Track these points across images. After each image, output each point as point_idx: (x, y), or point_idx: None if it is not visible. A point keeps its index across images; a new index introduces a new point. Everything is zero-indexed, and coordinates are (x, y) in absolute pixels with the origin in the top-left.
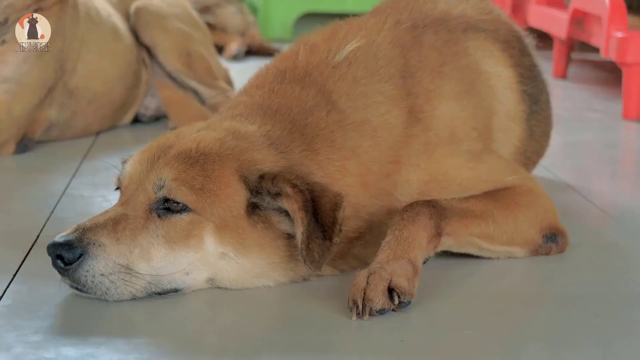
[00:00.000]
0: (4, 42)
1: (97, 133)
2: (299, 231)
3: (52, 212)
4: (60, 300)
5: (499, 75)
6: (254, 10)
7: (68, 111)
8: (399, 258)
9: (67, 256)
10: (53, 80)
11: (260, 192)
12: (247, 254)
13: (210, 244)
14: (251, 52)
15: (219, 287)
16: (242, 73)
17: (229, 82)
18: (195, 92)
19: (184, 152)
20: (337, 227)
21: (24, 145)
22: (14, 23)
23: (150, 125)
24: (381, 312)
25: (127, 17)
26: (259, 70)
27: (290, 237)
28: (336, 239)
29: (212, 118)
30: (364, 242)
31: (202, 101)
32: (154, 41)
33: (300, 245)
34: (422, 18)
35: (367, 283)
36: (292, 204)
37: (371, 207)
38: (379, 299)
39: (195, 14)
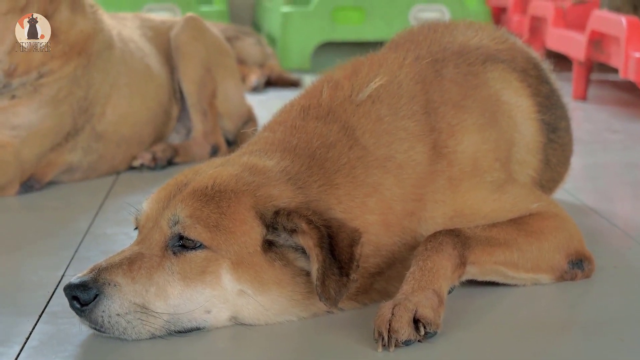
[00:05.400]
0: (14, 97)
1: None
2: (314, 267)
3: (76, 251)
4: (84, 340)
5: (519, 106)
6: (272, 41)
7: (94, 155)
8: (424, 289)
9: (82, 297)
10: (70, 126)
11: (276, 228)
12: (265, 292)
13: (228, 281)
14: (271, 83)
15: (242, 324)
16: (262, 104)
17: (253, 118)
18: (183, 108)
19: (200, 189)
20: (355, 263)
21: (29, 186)
22: (20, 84)
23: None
24: (407, 343)
25: (163, 48)
26: (282, 107)
27: (309, 273)
28: (353, 276)
29: (232, 153)
30: (387, 277)
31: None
32: (182, 43)
33: (315, 282)
34: (441, 51)
35: (393, 314)
36: (307, 240)
37: (393, 245)
38: (405, 330)
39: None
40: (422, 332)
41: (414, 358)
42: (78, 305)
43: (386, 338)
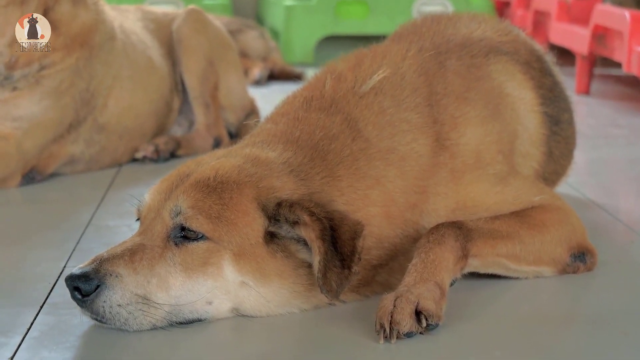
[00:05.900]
0: (15, 88)
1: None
2: (316, 260)
3: (78, 242)
4: (85, 331)
5: (522, 99)
6: (275, 34)
7: (96, 146)
8: (426, 281)
9: (83, 288)
10: (72, 118)
11: (278, 220)
12: (267, 283)
13: (230, 272)
14: (273, 76)
15: (244, 316)
16: (265, 97)
17: (255, 111)
18: (185, 101)
19: (202, 180)
20: (357, 256)
21: (31, 177)
22: (21, 76)
23: None
24: (409, 335)
25: (165, 41)
26: (285, 98)
27: (311, 265)
28: (355, 268)
29: (235, 145)
30: (389, 269)
31: (190, 121)
32: (184, 35)
33: (316, 274)
34: (444, 43)
35: (394, 306)
36: (309, 233)
37: (395, 237)
38: (407, 322)
39: (234, 48)
40: (424, 324)
41: (415, 350)
42: (79, 296)
43: (388, 330)
